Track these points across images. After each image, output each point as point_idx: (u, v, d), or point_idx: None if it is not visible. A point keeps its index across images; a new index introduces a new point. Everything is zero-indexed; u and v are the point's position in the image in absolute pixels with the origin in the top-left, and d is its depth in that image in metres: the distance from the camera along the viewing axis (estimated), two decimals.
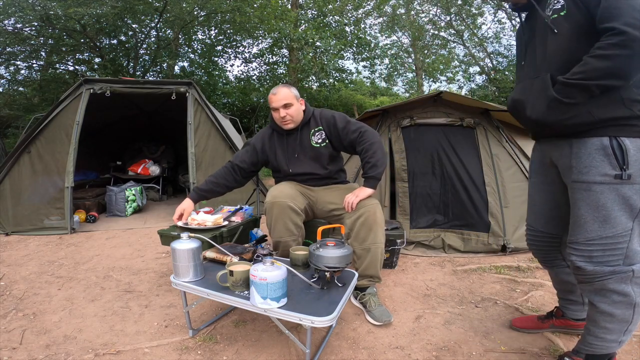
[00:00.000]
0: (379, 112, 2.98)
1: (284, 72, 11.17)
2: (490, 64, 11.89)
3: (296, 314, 1.23)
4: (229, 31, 10.15)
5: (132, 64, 9.19)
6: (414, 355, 1.47)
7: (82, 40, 8.03)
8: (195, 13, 8.89)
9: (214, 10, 8.72)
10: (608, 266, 1.10)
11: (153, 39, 9.37)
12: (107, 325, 1.71)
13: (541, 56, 1.19)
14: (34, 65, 8.85)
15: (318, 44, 9.08)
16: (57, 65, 8.83)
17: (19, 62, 8.58)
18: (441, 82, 13.73)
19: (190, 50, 10.77)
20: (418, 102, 2.86)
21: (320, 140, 1.96)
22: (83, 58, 8.98)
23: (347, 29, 10.85)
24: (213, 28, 10.17)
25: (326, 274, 1.43)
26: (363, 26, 11.69)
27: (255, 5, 9.07)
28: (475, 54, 12.22)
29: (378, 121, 2.91)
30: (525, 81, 1.25)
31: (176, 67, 10.52)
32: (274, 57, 11.03)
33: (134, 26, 8.82)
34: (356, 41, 10.40)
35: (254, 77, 11.52)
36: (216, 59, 11.00)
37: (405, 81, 14.69)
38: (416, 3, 12.46)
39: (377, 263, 1.77)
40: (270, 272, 1.23)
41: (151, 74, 9.73)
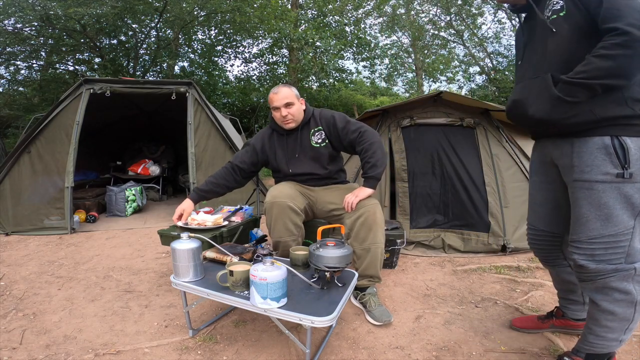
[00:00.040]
0: (379, 112, 2.98)
1: (284, 72, 11.18)
2: (490, 64, 11.90)
3: (296, 314, 1.24)
4: (229, 31, 10.16)
5: (132, 64, 9.19)
6: (414, 355, 1.47)
7: (82, 40, 8.04)
8: (195, 13, 8.89)
9: (214, 10, 8.72)
10: (610, 264, 1.11)
11: (153, 39, 9.38)
12: (107, 325, 1.71)
13: (540, 56, 1.19)
14: (34, 65, 8.85)
15: (318, 44, 9.08)
16: (57, 65, 8.84)
17: (19, 62, 8.59)
18: (441, 82, 13.75)
19: (190, 50, 10.78)
20: (418, 102, 2.86)
21: (320, 140, 1.96)
22: (83, 58, 8.98)
23: (347, 29, 10.86)
24: (213, 28, 10.17)
25: (326, 274, 1.43)
26: (363, 26, 11.71)
27: (255, 5, 9.08)
28: (475, 54, 12.23)
29: (378, 121, 2.91)
30: (524, 81, 1.26)
31: (176, 67, 10.53)
32: (274, 57, 11.04)
33: (134, 26, 8.83)
34: (356, 41, 10.40)
35: (254, 77, 11.53)
36: (216, 59, 11.00)
37: (405, 81, 14.72)
38: (416, 3, 12.46)
39: (377, 263, 1.77)
40: (270, 272, 1.23)
41: (151, 74, 9.74)
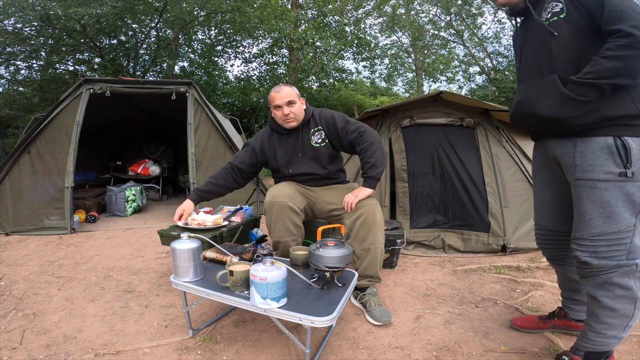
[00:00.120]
0: (379, 112, 2.98)
1: (284, 72, 11.18)
2: (490, 64, 11.90)
3: (296, 314, 1.24)
4: (229, 31, 10.16)
5: (132, 64, 9.19)
6: (414, 355, 1.47)
7: (82, 40, 8.04)
8: (195, 13, 8.89)
9: (214, 10, 8.72)
10: (612, 260, 1.14)
11: (153, 39, 9.38)
12: (107, 325, 1.71)
13: (544, 58, 1.21)
14: (34, 65, 8.85)
15: (318, 44, 9.09)
16: (57, 65, 8.84)
17: (19, 62, 8.59)
18: (441, 82, 13.74)
19: (190, 50, 10.78)
20: (418, 102, 2.86)
21: (319, 140, 1.96)
22: (83, 58, 8.99)
23: (347, 29, 10.87)
24: (213, 28, 10.18)
25: (326, 274, 1.43)
26: (363, 26, 11.72)
27: (255, 5, 9.08)
28: (475, 54, 12.23)
29: (378, 121, 2.91)
30: (525, 82, 1.28)
31: (176, 67, 10.54)
32: (274, 57, 11.05)
33: (134, 26, 8.83)
34: (356, 41, 10.41)
35: (254, 77, 11.53)
36: (216, 59, 11.00)
37: (405, 81, 14.69)
38: (416, 3, 12.46)
39: (377, 263, 1.77)
40: (270, 272, 1.23)
41: (151, 74, 9.74)
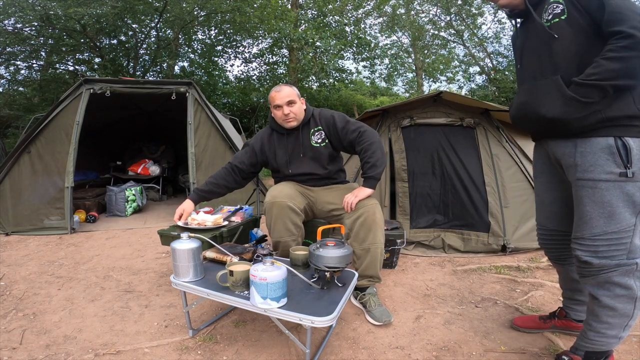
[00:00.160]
0: (379, 112, 2.98)
1: (284, 72, 11.18)
2: (490, 64, 11.90)
3: (296, 314, 1.24)
4: (229, 31, 10.16)
5: (132, 64, 9.19)
6: (414, 355, 1.47)
7: (82, 40, 8.04)
8: (195, 13, 8.89)
9: (214, 10, 8.72)
10: (613, 260, 1.14)
11: (153, 39, 9.38)
12: (107, 325, 1.71)
13: (545, 59, 1.21)
14: (34, 65, 8.85)
15: (318, 44, 9.09)
16: (57, 65, 8.84)
17: (19, 62, 8.59)
18: (441, 82, 13.74)
19: (190, 50, 10.78)
20: (418, 102, 2.86)
21: (319, 140, 1.96)
22: (83, 58, 8.99)
23: (347, 29, 10.87)
24: (213, 28, 10.18)
25: (326, 274, 1.43)
26: (363, 26, 11.72)
27: (255, 5, 9.08)
28: (475, 54, 12.23)
29: (378, 121, 2.91)
30: (527, 83, 1.28)
31: (176, 67, 10.54)
32: (274, 57, 11.05)
33: (134, 26, 8.83)
34: (356, 41, 10.41)
35: (254, 77, 11.54)
36: (216, 59, 11.01)
37: (405, 81, 14.69)
38: (416, 3, 12.46)
39: (377, 263, 1.77)
40: (270, 272, 1.23)
41: (151, 74, 9.74)
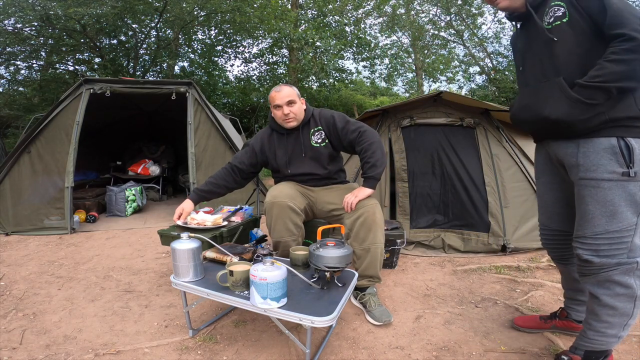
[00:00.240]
0: (379, 112, 2.98)
1: (284, 72, 11.19)
2: (490, 64, 11.91)
3: (296, 314, 1.24)
4: (229, 31, 10.16)
5: (132, 64, 9.19)
6: (414, 355, 1.47)
7: (82, 40, 8.04)
8: (195, 13, 8.89)
9: (214, 10, 8.72)
10: (613, 259, 1.15)
11: (153, 39, 9.38)
12: (107, 325, 1.71)
13: (547, 61, 1.22)
14: (34, 65, 8.85)
15: (318, 44, 9.09)
16: (57, 65, 8.83)
17: (19, 62, 8.58)
18: (441, 82, 13.74)
19: (190, 50, 10.78)
20: (418, 102, 2.86)
21: (320, 140, 1.96)
22: (83, 58, 8.98)
23: (347, 29, 10.86)
24: (213, 28, 10.17)
25: (326, 274, 1.43)
26: (363, 26, 11.71)
27: (255, 5, 9.08)
28: (475, 54, 12.23)
29: (378, 121, 2.91)
30: (530, 86, 1.29)
31: (176, 67, 10.54)
32: (274, 57, 11.05)
33: (134, 26, 8.82)
34: (356, 41, 10.41)
35: (254, 77, 11.54)
36: (216, 59, 11.00)
37: (405, 81, 14.68)
38: (416, 3, 12.46)
39: (377, 263, 1.77)
40: (270, 272, 1.23)
41: (151, 74, 9.74)
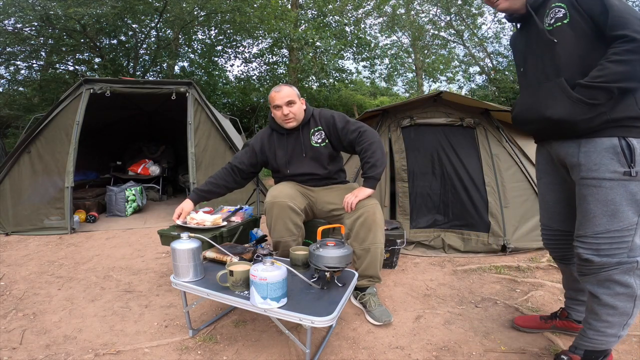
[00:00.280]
0: (379, 112, 2.98)
1: (284, 72, 11.18)
2: (490, 64, 11.91)
3: (296, 314, 1.24)
4: (229, 31, 10.16)
5: (132, 64, 9.19)
6: (414, 355, 1.47)
7: (82, 40, 8.04)
8: (195, 13, 8.89)
9: (214, 10, 8.72)
10: (614, 258, 1.16)
11: (153, 39, 9.38)
12: (107, 325, 1.71)
13: (548, 62, 1.23)
14: (34, 65, 8.84)
15: (318, 44, 9.09)
16: (57, 65, 8.83)
17: (19, 62, 8.58)
18: (441, 82, 13.74)
19: (190, 50, 10.78)
20: (418, 102, 2.86)
21: (320, 140, 1.96)
22: (83, 58, 8.98)
23: (347, 29, 10.86)
24: (213, 28, 10.17)
25: (326, 274, 1.43)
26: (363, 26, 11.71)
27: (255, 5, 9.08)
28: (475, 54, 12.23)
29: (378, 121, 2.91)
30: (532, 87, 1.30)
31: (176, 67, 10.53)
32: (274, 57, 11.05)
33: (134, 26, 8.82)
34: (356, 41, 10.41)
35: (254, 77, 11.53)
36: (216, 59, 11.00)
37: (405, 81, 14.68)
38: (416, 3, 12.46)
39: (377, 263, 1.77)
40: (270, 272, 1.23)
41: (151, 74, 9.74)
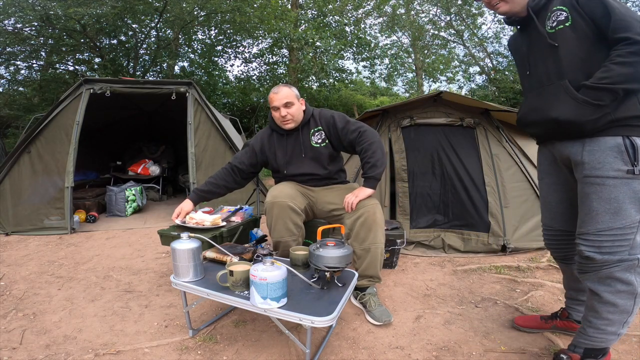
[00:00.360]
0: (379, 112, 2.98)
1: (284, 72, 11.18)
2: (490, 64, 11.90)
3: (296, 314, 1.24)
4: (229, 31, 10.16)
5: (132, 64, 9.19)
6: (414, 355, 1.47)
7: (82, 40, 8.04)
8: (195, 13, 8.89)
9: (214, 10, 8.72)
10: (615, 255, 1.16)
11: (153, 39, 9.38)
12: (107, 325, 1.71)
13: (551, 65, 1.24)
14: (34, 65, 8.85)
15: (318, 44, 9.09)
16: (57, 65, 8.83)
17: (19, 62, 8.58)
18: (441, 82, 13.73)
19: (190, 50, 10.78)
20: (418, 102, 2.86)
21: (320, 140, 1.96)
22: (83, 58, 8.98)
23: (347, 29, 10.87)
24: (213, 28, 10.18)
25: (326, 274, 1.43)
26: (363, 26, 11.71)
27: (255, 5, 9.08)
28: (475, 54, 12.22)
29: (378, 121, 2.91)
30: (536, 89, 1.31)
31: (176, 67, 10.53)
32: (274, 57, 11.05)
33: (134, 26, 8.83)
34: (356, 41, 10.41)
35: (254, 77, 11.53)
36: (216, 59, 11.00)
37: (405, 81, 14.66)
38: (416, 3, 12.45)
39: (377, 263, 1.77)
40: (270, 272, 1.23)
41: (151, 74, 9.74)
